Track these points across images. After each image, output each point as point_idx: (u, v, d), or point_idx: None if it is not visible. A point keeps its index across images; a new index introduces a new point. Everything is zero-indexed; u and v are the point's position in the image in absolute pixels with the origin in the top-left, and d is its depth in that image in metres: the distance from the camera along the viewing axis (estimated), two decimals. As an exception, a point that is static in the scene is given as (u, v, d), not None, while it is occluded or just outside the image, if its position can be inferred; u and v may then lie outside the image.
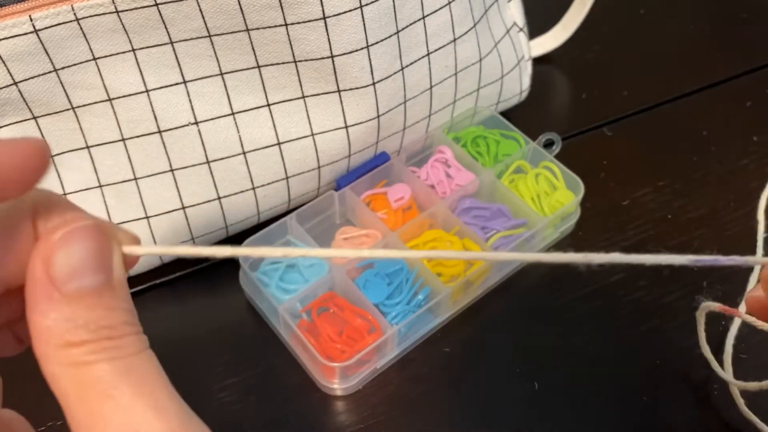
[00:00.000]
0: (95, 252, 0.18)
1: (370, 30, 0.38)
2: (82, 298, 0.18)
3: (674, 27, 0.59)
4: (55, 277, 0.18)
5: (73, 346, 0.17)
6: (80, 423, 0.17)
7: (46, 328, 0.17)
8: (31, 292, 0.18)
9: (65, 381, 0.17)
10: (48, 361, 0.17)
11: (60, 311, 0.17)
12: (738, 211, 0.46)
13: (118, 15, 0.34)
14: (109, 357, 0.17)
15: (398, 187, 0.44)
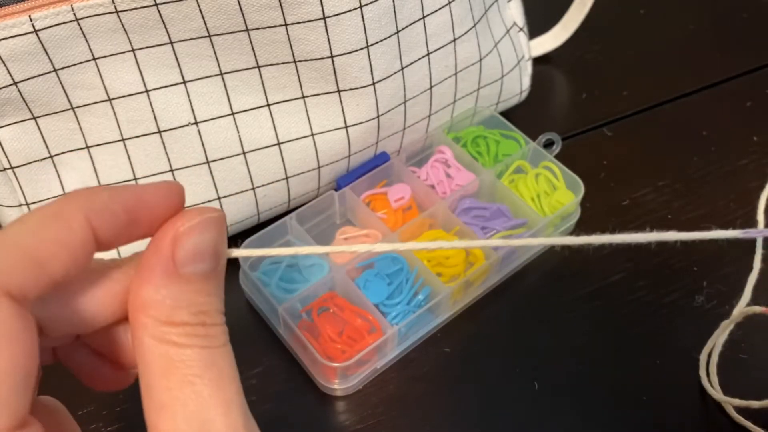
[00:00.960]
0: (216, 241, 0.20)
1: (370, 30, 0.38)
2: (193, 282, 0.19)
3: (674, 27, 0.59)
4: (178, 258, 0.19)
5: (172, 325, 0.18)
6: (156, 398, 0.18)
7: (153, 300, 0.19)
8: (148, 265, 0.19)
9: (154, 354, 0.18)
10: (144, 331, 0.18)
11: (171, 289, 0.19)
12: (738, 211, 0.46)
13: (117, 15, 0.34)
14: (200, 344, 0.19)
15: (398, 187, 0.44)
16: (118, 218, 0.19)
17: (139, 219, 0.20)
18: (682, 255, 0.44)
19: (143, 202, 0.20)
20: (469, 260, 0.42)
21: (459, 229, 0.42)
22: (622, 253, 0.44)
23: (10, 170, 0.37)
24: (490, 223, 0.44)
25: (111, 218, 0.19)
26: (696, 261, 0.43)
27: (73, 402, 0.38)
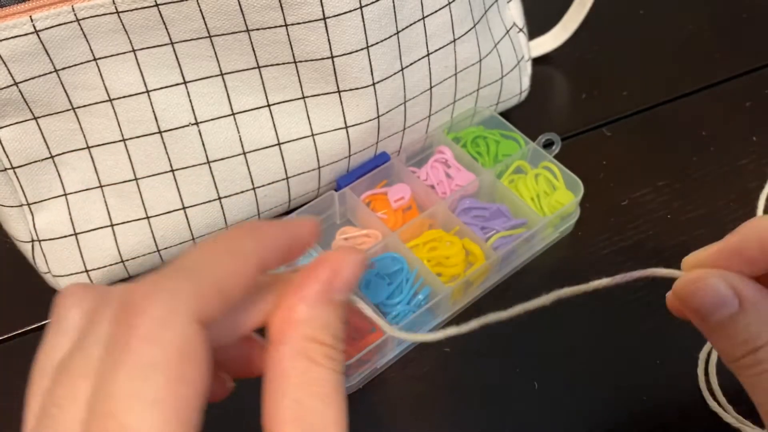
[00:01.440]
0: (357, 275, 0.23)
1: (370, 30, 0.38)
2: (338, 309, 0.22)
3: (674, 27, 0.59)
4: (336, 286, 0.22)
5: (317, 343, 0.21)
6: (284, 407, 0.19)
7: (306, 318, 0.21)
8: (305, 287, 0.22)
9: (294, 367, 0.20)
10: (290, 344, 0.20)
11: (322, 311, 0.21)
12: (737, 211, 0.46)
13: (118, 15, 0.34)
14: (333, 367, 0.21)
15: (398, 187, 0.45)
16: (281, 251, 0.22)
17: (293, 250, 0.23)
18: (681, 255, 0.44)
19: (297, 236, 0.23)
20: (469, 260, 0.42)
21: (459, 229, 0.42)
22: (622, 254, 0.44)
23: (11, 170, 0.37)
24: (489, 223, 0.44)
25: (276, 251, 0.22)
26: (695, 261, 0.43)
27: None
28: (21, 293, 0.43)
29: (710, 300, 0.24)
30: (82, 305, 0.20)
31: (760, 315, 0.23)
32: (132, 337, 0.17)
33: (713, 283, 0.24)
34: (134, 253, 0.41)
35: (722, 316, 0.24)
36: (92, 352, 0.18)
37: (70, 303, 0.20)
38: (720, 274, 0.24)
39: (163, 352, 0.17)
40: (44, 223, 0.39)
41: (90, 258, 0.40)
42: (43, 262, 0.40)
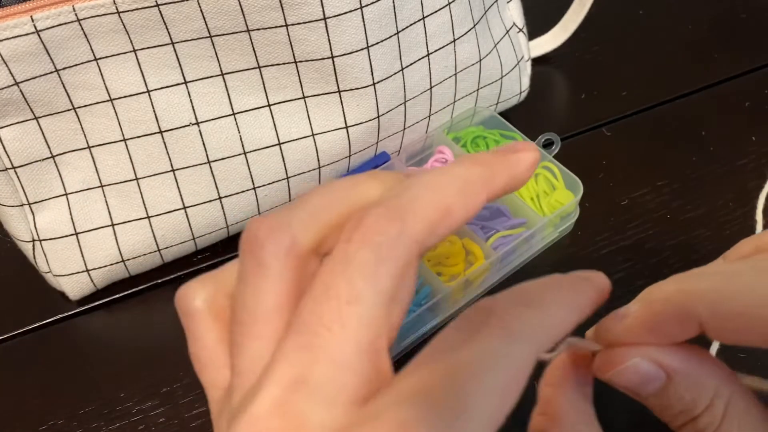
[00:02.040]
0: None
1: (371, 31, 0.38)
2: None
3: (674, 27, 0.59)
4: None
5: None
6: None
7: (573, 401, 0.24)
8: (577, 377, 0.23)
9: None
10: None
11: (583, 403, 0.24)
12: (737, 211, 0.46)
13: (119, 16, 0.34)
14: None
15: (398, 187, 0.45)
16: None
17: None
18: (681, 255, 0.44)
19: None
20: (469, 260, 0.42)
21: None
22: (622, 253, 0.44)
23: (12, 170, 0.37)
24: (489, 222, 0.44)
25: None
26: (695, 261, 0.44)
27: (73, 401, 0.38)
28: (21, 293, 0.43)
29: (637, 379, 0.23)
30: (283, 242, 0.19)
31: (692, 382, 0.22)
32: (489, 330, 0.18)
33: (635, 363, 0.23)
34: (135, 253, 0.41)
35: (653, 390, 0.23)
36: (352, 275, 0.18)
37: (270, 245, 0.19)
38: (639, 351, 0.23)
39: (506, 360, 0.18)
40: (45, 222, 0.39)
41: (91, 257, 0.40)
42: (43, 262, 0.40)
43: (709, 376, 0.22)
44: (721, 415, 0.22)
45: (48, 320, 0.42)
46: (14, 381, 0.39)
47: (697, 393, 0.22)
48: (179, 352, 0.25)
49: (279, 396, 0.17)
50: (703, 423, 0.22)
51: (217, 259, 0.44)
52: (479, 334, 0.17)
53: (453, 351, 0.17)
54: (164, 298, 0.43)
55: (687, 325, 0.21)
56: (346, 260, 0.18)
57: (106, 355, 0.40)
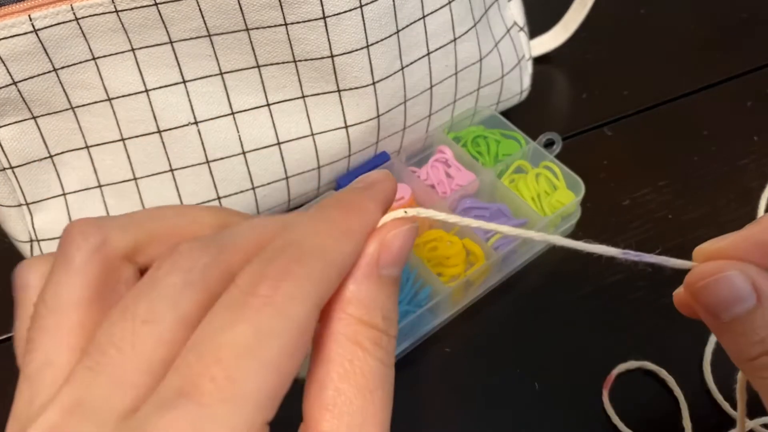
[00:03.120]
0: (410, 249, 0.21)
1: (370, 30, 0.38)
2: (387, 285, 0.20)
3: (674, 27, 0.59)
4: (383, 260, 0.20)
5: (365, 325, 0.19)
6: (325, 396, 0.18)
7: (353, 296, 0.19)
8: (356, 265, 0.20)
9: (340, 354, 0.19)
10: (338, 326, 0.19)
11: (370, 288, 0.20)
12: (738, 211, 0.46)
13: (117, 14, 0.34)
14: (381, 358, 0.19)
15: (398, 187, 0.44)
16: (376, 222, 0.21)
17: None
18: (682, 255, 0.43)
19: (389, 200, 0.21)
20: (470, 260, 0.42)
21: (459, 229, 0.42)
22: (623, 253, 0.44)
23: (10, 170, 0.37)
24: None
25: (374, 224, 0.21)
26: (696, 261, 0.43)
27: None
28: (20, 293, 0.43)
29: (725, 294, 0.22)
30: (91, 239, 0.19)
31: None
32: (260, 303, 0.17)
33: (730, 276, 0.22)
34: (133, 253, 0.41)
35: (738, 313, 0.22)
36: (153, 297, 0.17)
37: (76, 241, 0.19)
38: (737, 265, 0.22)
39: (289, 324, 0.17)
40: (43, 222, 0.39)
41: (89, 258, 0.40)
42: (42, 262, 0.40)
43: None
44: None
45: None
46: (14, 381, 0.39)
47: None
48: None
49: (56, 422, 0.16)
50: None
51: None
52: (248, 312, 0.17)
53: (219, 333, 0.16)
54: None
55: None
56: (152, 284, 0.18)
57: (104, 356, 0.40)
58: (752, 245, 0.22)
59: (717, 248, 0.23)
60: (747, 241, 0.22)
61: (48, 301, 0.18)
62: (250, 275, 0.17)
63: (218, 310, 0.17)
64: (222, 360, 0.16)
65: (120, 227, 0.20)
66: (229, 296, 0.17)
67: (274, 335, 0.16)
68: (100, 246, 0.19)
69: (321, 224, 0.19)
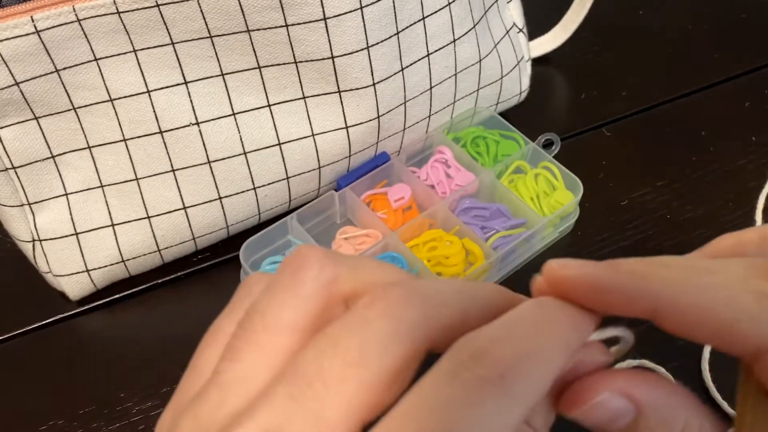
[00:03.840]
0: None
1: (371, 31, 0.38)
2: None
3: (674, 27, 0.59)
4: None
5: None
6: None
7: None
8: None
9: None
10: None
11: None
12: (737, 211, 0.46)
13: (119, 16, 0.34)
14: None
15: (398, 187, 0.45)
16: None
17: None
18: (680, 254, 0.44)
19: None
20: (469, 260, 0.42)
21: (459, 229, 0.43)
22: (621, 253, 0.44)
23: (12, 170, 0.37)
24: (489, 222, 0.44)
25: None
26: (695, 261, 0.44)
27: (73, 401, 0.38)
28: (21, 293, 0.43)
29: (605, 417, 0.21)
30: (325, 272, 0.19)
31: (662, 415, 0.21)
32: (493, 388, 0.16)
33: (605, 399, 0.21)
34: (135, 253, 0.41)
35: (622, 426, 0.22)
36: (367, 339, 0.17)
37: (312, 268, 0.19)
38: (609, 383, 0.21)
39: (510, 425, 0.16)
40: (45, 222, 0.39)
41: (91, 257, 0.40)
42: (43, 262, 0.40)
43: (679, 407, 0.22)
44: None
45: (48, 320, 0.42)
46: (14, 381, 0.39)
47: (667, 426, 0.21)
48: (179, 352, 0.25)
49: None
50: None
51: (218, 259, 0.44)
52: (474, 390, 0.16)
53: (445, 410, 0.16)
54: (164, 298, 0.43)
55: (638, 301, 0.21)
56: (363, 323, 0.17)
57: (106, 355, 0.40)
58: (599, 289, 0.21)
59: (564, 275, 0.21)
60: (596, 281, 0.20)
61: (268, 318, 0.18)
62: (473, 347, 0.17)
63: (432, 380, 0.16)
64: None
65: (351, 268, 0.19)
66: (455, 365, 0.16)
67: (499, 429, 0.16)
68: (331, 281, 0.19)
69: (548, 328, 0.18)
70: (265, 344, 0.18)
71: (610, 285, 0.20)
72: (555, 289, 0.20)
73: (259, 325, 0.18)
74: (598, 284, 0.20)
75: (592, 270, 0.20)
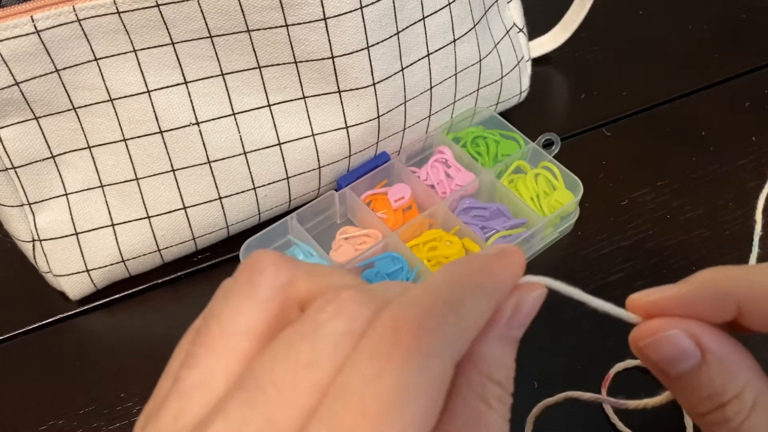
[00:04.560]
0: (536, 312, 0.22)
1: (371, 31, 0.38)
2: (513, 346, 0.21)
3: (673, 27, 0.59)
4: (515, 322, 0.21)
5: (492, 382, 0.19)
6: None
7: (484, 355, 0.19)
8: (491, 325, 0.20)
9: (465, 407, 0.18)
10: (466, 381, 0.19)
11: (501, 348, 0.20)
12: (736, 211, 0.46)
13: (119, 16, 0.34)
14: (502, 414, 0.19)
15: (398, 187, 0.45)
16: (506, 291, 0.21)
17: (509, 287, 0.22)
18: (680, 255, 0.44)
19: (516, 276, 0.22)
20: (469, 260, 0.42)
21: (459, 228, 0.43)
22: (621, 253, 0.44)
23: (12, 170, 0.37)
24: (489, 222, 0.44)
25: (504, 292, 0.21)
26: (694, 261, 0.44)
27: (73, 401, 0.38)
28: (21, 293, 0.43)
29: (669, 352, 0.22)
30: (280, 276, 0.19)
31: (725, 367, 0.22)
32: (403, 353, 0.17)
33: (672, 335, 0.22)
34: (135, 253, 0.41)
35: (684, 369, 0.22)
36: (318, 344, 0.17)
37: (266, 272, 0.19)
38: (680, 323, 0.22)
39: (429, 379, 0.17)
40: (45, 222, 0.39)
41: (91, 257, 0.40)
42: (44, 262, 0.40)
43: (742, 366, 0.22)
44: (750, 406, 0.21)
45: (48, 320, 0.42)
46: (14, 381, 0.39)
47: (728, 379, 0.22)
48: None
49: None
50: (731, 411, 0.22)
51: (218, 259, 0.44)
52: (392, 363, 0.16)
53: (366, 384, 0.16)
54: (164, 298, 0.43)
55: (724, 305, 0.21)
56: (316, 327, 0.18)
57: (106, 355, 0.40)
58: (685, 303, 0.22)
59: (649, 301, 0.23)
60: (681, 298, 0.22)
61: (224, 323, 0.18)
62: (392, 320, 0.17)
63: (362, 358, 0.17)
64: (368, 415, 0.16)
65: (307, 273, 0.20)
66: (372, 344, 0.17)
67: (417, 390, 0.16)
68: (286, 285, 0.19)
69: (457, 279, 0.19)
70: (222, 349, 0.18)
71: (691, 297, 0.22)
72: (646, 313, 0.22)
73: (215, 329, 0.18)
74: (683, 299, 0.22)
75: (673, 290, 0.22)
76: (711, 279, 0.22)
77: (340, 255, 0.42)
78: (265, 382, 0.17)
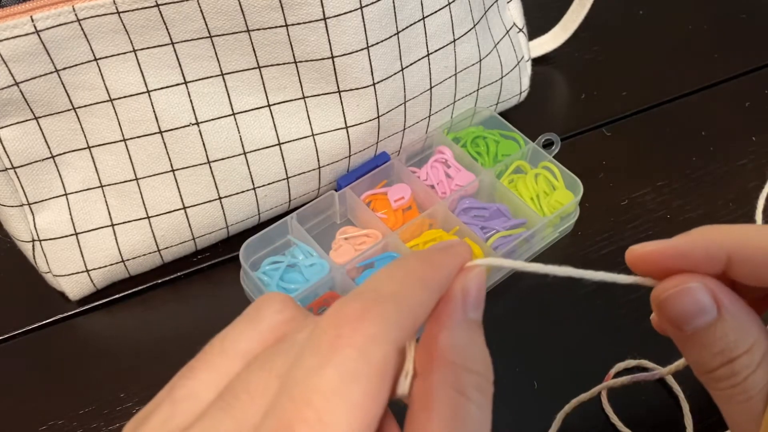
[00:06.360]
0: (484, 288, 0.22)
1: (371, 31, 0.38)
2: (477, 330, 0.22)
3: (673, 27, 0.59)
4: (469, 304, 0.21)
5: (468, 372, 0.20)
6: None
7: (449, 341, 0.20)
8: (441, 309, 0.21)
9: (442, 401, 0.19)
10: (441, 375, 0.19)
11: (464, 333, 0.21)
12: (737, 211, 0.46)
13: (119, 16, 0.34)
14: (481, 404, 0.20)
15: (398, 187, 0.45)
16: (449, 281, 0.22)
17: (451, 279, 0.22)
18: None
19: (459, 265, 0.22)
20: (469, 260, 0.42)
21: (459, 228, 0.43)
22: (621, 253, 0.44)
23: (12, 170, 0.37)
24: (489, 223, 0.44)
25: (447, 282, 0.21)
26: (695, 261, 0.44)
27: (74, 401, 0.38)
28: (21, 293, 0.43)
29: (688, 306, 0.23)
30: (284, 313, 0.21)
31: (738, 323, 0.23)
32: (343, 344, 0.18)
33: (692, 288, 0.23)
34: (135, 253, 0.41)
35: (699, 325, 0.23)
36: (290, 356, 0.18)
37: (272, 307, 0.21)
38: (699, 278, 0.23)
39: (369, 366, 0.17)
40: (45, 222, 0.39)
41: (90, 257, 0.40)
42: (43, 262, 0.40)
43: (753, 325, 0.23)
44: (758, 361, 0.22)
45: (48, 320, 0.42)
46: (14, 381, 0.39)
47: (740, 334, 0.23)
48: (179, 352, 0.25)
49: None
50: (740, 365, 0.22)
51: (217, 259, 0.44)
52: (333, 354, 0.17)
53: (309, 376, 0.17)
54: (164, 298, 0.43)
55: (716, 256, 0.23)
56: (292, 344, 0.19)
57: (106, 355, 0.40)
58: (678, 255, 0.24)
59: (647, 251, 0.25)
60: (674, 249, 0.24)
61: (226, 344, 0.20)
62: (333, 317, 0.18)
63: (308, 352, 0.18)
64: (312, 404, 0.17)
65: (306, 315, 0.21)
66: (314, 339, 0.18)
67: (357, 378, 0.17)
68: (287, 321, 0.21)
69: (397, 271, 0.20)
70: (218, 366, 0.20)
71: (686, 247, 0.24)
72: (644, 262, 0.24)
73: (217, 348, 0.20)
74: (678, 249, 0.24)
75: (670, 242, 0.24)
76: (705, 232, 0.24)
77: (339, 255, 0.42)
78: (240, 391, 0.18)
